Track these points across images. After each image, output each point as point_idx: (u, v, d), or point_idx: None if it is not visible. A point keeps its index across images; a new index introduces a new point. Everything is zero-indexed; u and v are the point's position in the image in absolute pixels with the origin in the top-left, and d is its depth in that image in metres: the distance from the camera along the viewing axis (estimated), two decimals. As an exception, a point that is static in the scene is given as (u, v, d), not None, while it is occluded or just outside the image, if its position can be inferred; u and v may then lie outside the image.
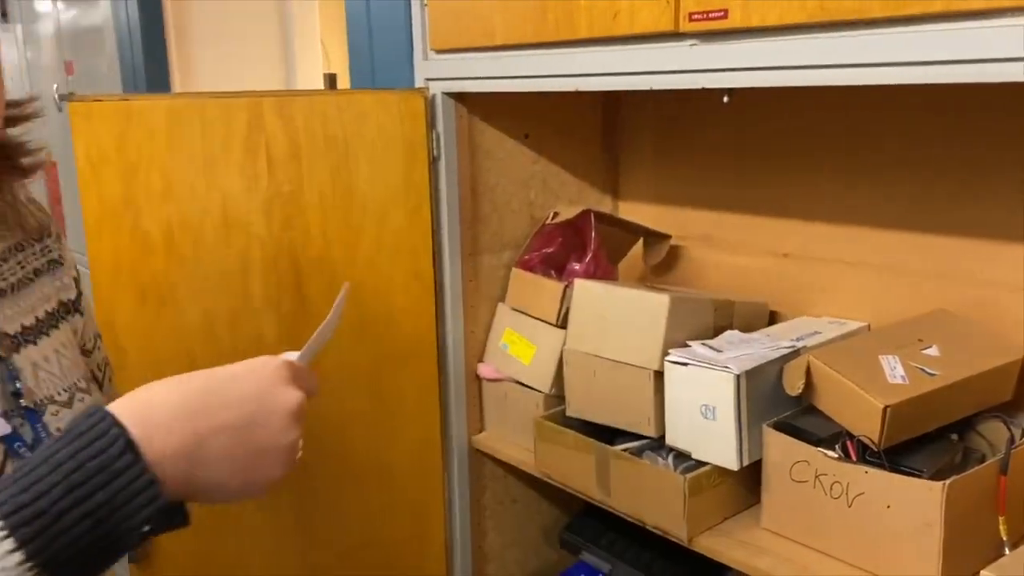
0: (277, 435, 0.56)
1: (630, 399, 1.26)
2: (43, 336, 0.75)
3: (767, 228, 1.45)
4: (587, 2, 1.10)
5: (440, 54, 1.38)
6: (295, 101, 1.30)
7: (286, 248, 1.33)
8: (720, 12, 0.95)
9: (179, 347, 1.25)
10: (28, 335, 0.73)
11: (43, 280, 0.78)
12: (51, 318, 0.77)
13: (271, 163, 1.29)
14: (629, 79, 1.09)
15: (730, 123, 1.46)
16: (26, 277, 0.76)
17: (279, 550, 1.42)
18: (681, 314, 1.23)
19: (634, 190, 1.66)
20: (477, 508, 1.61)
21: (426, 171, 1.43)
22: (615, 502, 1.26)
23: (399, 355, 1.48)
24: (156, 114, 1.20)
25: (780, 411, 1.17)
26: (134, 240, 1.20)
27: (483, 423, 1.58)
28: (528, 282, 1.47)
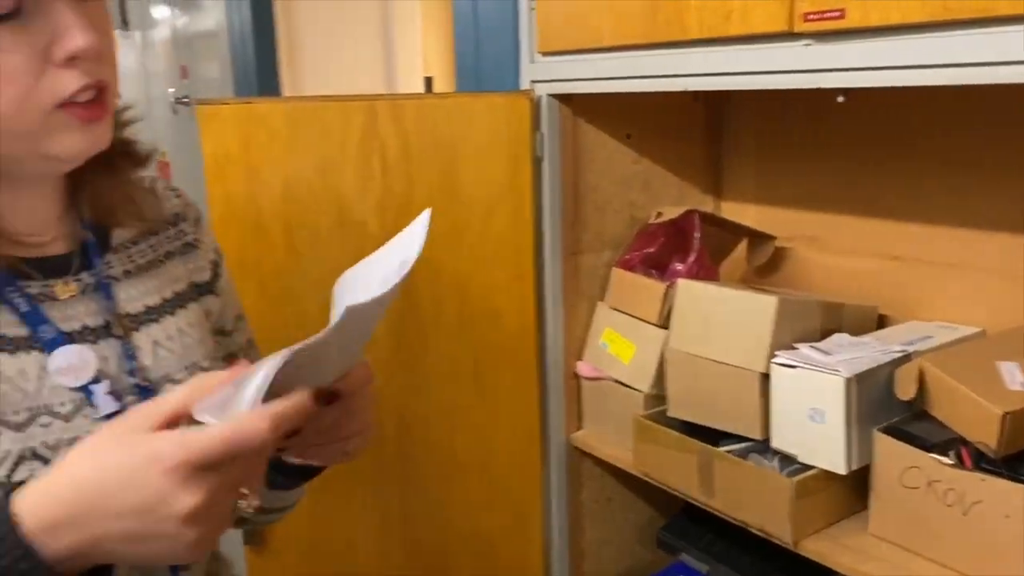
0: (174, 539, 0.56)
1: (734, 401, 1.25)
2: (167, 316, 0.79)
3: (876, 230, 1.42)
4: (698, 3, 1.11)
5: (546, 56, 1.40)
6: (407, 104, 1.34)
7: (395, 246, 1.37)
8: (837, 12, 0.95)
9: (296, 337, 1.30)
10: (151, 314, 0.77)
11: (175, 262, 0.82)
12: (179, 298, 0.81)
13: (384, 164, 1.34)
14: (741, 79, 1.09)
15: (838, 122, 1.44)
16: (156, 259, 0.80)
17: (384, 535, 1.47)
18: (789, 316, 1.22)
19: (737, 190, 1.65)
20: (574, 505, 1.63)
21: (529, 171, 1.45)
22: (718, 503, 1.26)
23: (500, 351, 1.51)
24: (277, 117, 1.26)
25: (890, 416, 1.15)
26: (256, 237, 1.26)
27: (581, 421, 1.60)
28: (629, 282, 1.48)
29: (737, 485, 1.22)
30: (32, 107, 0.62)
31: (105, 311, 0.73)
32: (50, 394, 0.67)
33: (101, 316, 0.73)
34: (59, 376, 0.68)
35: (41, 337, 0.68)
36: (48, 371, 0.68)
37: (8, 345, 0.66)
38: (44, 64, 0.62)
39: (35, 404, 0.66)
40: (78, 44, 0.62)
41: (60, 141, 0.65)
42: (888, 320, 1.39)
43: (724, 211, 1.68)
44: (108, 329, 0.73)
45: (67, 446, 0.65)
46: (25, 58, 0.61)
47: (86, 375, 0.69)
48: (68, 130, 0.65)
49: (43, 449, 0.65)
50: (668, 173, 1.62)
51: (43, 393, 0.67)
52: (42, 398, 0.67)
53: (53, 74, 0.62)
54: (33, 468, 0.64)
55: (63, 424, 0.67)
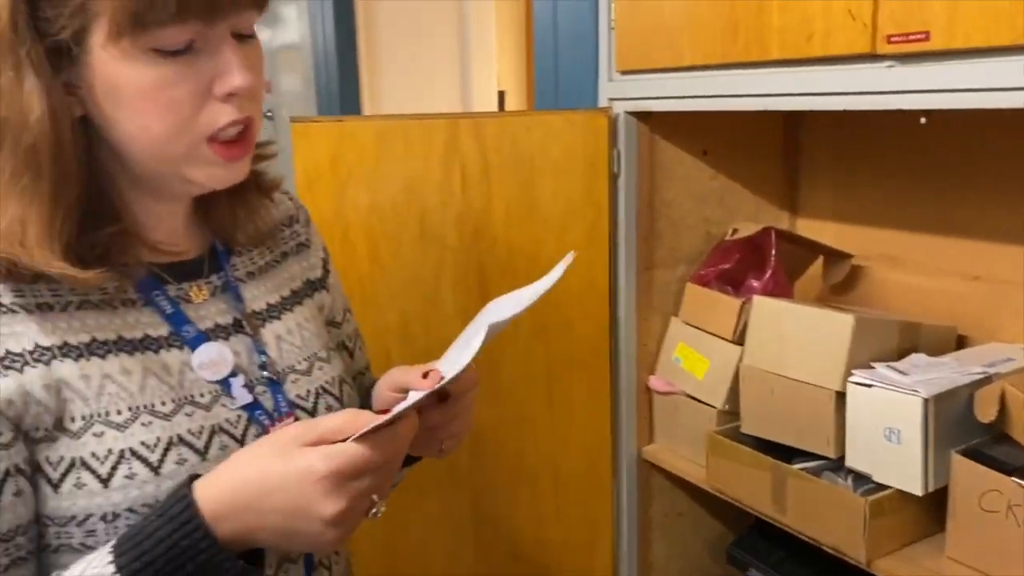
0: (316, 536, 0.65)
1: (809, 418, 1.26)
2: (287, 312, 0.86)
3: (955, 249, 1.41)
4: (780, 24, 1.12)
5: (625, 74, 1.43)
6: (488, 122, 1.38)
7: (475, 259, 1.42)
8: (921, 34, 0.95)
9: (379, 345, 1.35)
10: (273, 311, 0.84)
11: (290, 262, 0.89)
12: (296, 295, 0.88)
13: (465, 180, 1.38)
14: (821, 99, 1.10)
15: (918, 141, 1.43)
16: (274, 260, 0.87)
17: (456, 539, 1.51)
18: (866, 335, 1.22)
19: (813, 207, 1.65)
20: (644, 518, 1.64)
21: (606, 187, 1.48)
22: (791, 520, 1.26)
23: (573, 363, 1.53)
24: (366, 134, 1.31)
25: (969, 438, 1.14)
26: (343, 249, 1.31)
27: (652, 435, 1.61)
28: (704, 297, 1.49)
29: (810, 503, 1.22)
30: (186, 135, 0.69)
31: (234, 310, 0.80)
32: (190, 386, 0.74)
33: (230, 315, 0.80)
34: (201, 371, 0.75)
35: (184, 336, 0.75)
36: (190, 366, 0.74)
37: (152, 344, 0.73)
38: (205, 98, 0.68)
39: (179, 396, 0.73)
40: (238, 83, 0.68)
41: (202, 171, 0.72)
42: (967, 341, 1.37)
43: (800, 228, 1.68)
44: (237, 326, 0.80)
45: (208, 432, 0.73)
46: (190, 91, 0.67)
47: (225, 370, 0.76)
48: (211, 164, 0.71)
49: (188, 436, 0.72)
50: (744, 189, 1.63)
51: (185, 385, 0.73)
52: (184, 390, 0.73)
53: (211, 107, 0.69)
54: (181, 452, 0.71)
55: (204, 413, 0.74)
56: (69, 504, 0.68)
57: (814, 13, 1.07)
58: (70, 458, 0.68)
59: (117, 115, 0.67)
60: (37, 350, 0.67)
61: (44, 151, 0.65)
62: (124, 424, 0.69)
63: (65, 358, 0.68)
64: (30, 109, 0.64)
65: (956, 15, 0.92)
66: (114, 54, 0.65)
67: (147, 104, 0.66)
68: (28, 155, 0.65)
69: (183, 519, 0.63)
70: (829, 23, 1.06)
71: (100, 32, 0.64)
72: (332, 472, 0.63)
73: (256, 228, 0.85)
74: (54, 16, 0.64)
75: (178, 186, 0.74)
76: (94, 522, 0.68)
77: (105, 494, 0.68)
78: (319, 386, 0.84)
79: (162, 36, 0.64)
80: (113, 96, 0.66)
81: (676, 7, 1.28)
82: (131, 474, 0.69)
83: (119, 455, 0.69)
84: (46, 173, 0.65)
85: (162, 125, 0.67)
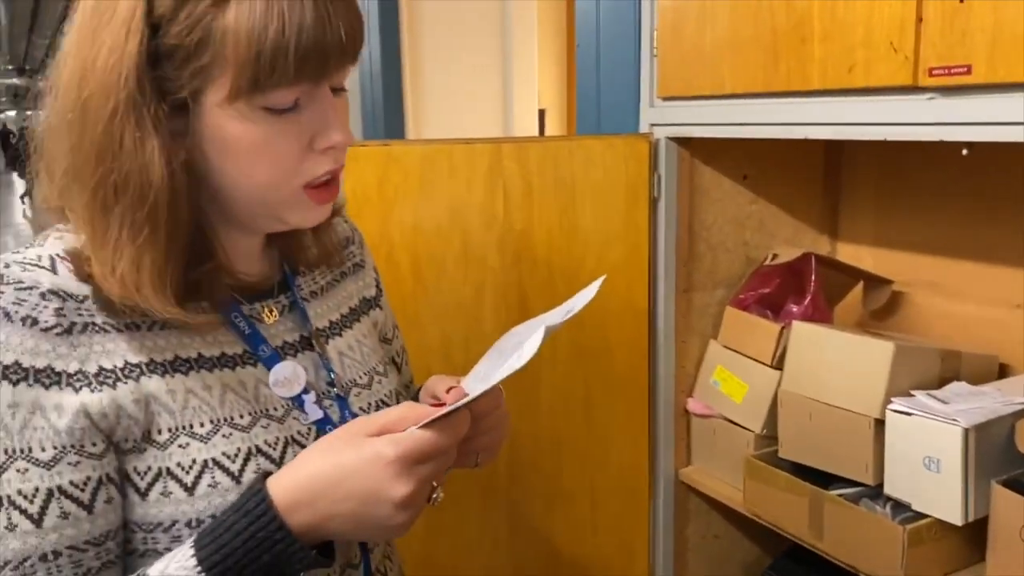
0: (386, 519, 0.68)
1: (848, 445, 1.26)
2: (347, 329, 0.90)
3: (998, 277, 1.40)
4: (821, 54, 1.13)
5: (666, 101, 1.45)
6: (531, 147, 1.41)
7: (515, 281, 1.44)
8: (963, 68, 0.96)
9: (420, 364, 1.37)
10: (335, 328, 0.89)
11: (348, 281, 0.94)
12: (353, 313, 0.93)
13: (507, 203, 1.40)
14: (862, 129, 1.11)
15: (960, 169, 1.43)
16: (334, 280, 0.92)
17: (493, 556, 1.52)
18: (906, 362, 1.22)
19: (854, 232, 1.65)
20: (680, 540, 1.65)
21: (646, 211, 1.49)
22: (827, 547, 1.26)
23: (612, 384, 1.55)
24: (411, 158, 1.35)
25: (1010, 469, 1.14)
26: (388, 269, 1.34)
27: (690, 457, 1.62)
28: (743, 321, 1.50)
29: (848, 529, 1.22)
30: (287, 184, 0.73)
31: (301, 328, 0.85)
32: (264, 401, 0.78)
33: (297, 332, 0.84)
34: (277, 388, 0.79)
35: (260, 355, 0.80)
36: (264, 383, 0.79)
37: (229, 361, 0.78)
38: (307, 150, 0.73)
39: (255, 409, 0.77)
40: (338, 139, 0.73)
41: (297, 214, 0.76)
42: (1009, 370, 1.36)
43: (840, 253, 1.68)
44: (305, 344, 0.84)
45: (283, 444, 0.77)
46: (294, 144, 0.72)
47: (298, 387, 0.81)
48: (306, 207, 0.76)
49: (265, 447, 0.76)
50: (784, 213, 1.64)
51: (259, 400, 0.78)
52: (259, 404, 0.78)
53: (311, 158, 0.73)
54: (259, 462, 0.75)
55: (279, 425, 0.78)
56: (156, 511, 0.72)
57: (856, 44, 1.08)
58: (157, 468, 0.72)
59: (223, 164, 0.72)
60: (127, 367, 0.71)
61: (163, 205, 0.69)
62: (207, 436, 0.74)
63: (152, 374, 0.72)
64: (152, 167, 0.68)
65: (998, 50, 0.93)
66: (228, 111, 0.69)
67: (255, 156, 0.71)
68: (150, 210, 0.69)
69: (258, 512, 0.67)
70: (871, 55, 1.07)
71: (217, 92, 0.68)
72: (400, 456, 0.67)
73: (320, 250, 0.90)
74: (175, 76, 0.68)
75: (269, 224, 0.79)
76: (179, 528, 0.72)
77: (190, 502, 0.72)
78: (379, 399, 0.89)
79: (274, 97, 0.69)
80: (221, 147, 0.71)
81: (718, 36, 1.30)
82: (214, 483, 0.73)
83: (203, 465, 0.73)
84: (162, 224, 0.70)
85: (266, 175, 0.72)
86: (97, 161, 0.68)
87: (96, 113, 0.68)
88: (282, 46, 0.66)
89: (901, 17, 1.03)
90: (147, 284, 0.69)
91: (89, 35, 0.69)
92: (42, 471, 0.68)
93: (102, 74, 0.67)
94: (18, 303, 0.68)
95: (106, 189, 0.69)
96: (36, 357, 0.67)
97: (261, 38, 0.66)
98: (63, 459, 0.68)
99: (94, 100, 0.67)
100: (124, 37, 0.67)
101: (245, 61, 0.66)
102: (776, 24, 1.19)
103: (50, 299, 0.69)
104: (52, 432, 0.68)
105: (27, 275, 0.69)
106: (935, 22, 0.99)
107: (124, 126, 0.67)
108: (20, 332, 0.67)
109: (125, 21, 0.67)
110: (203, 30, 0.66)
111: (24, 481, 0.67)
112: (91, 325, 0.70)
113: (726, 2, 1.27)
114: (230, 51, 0.66)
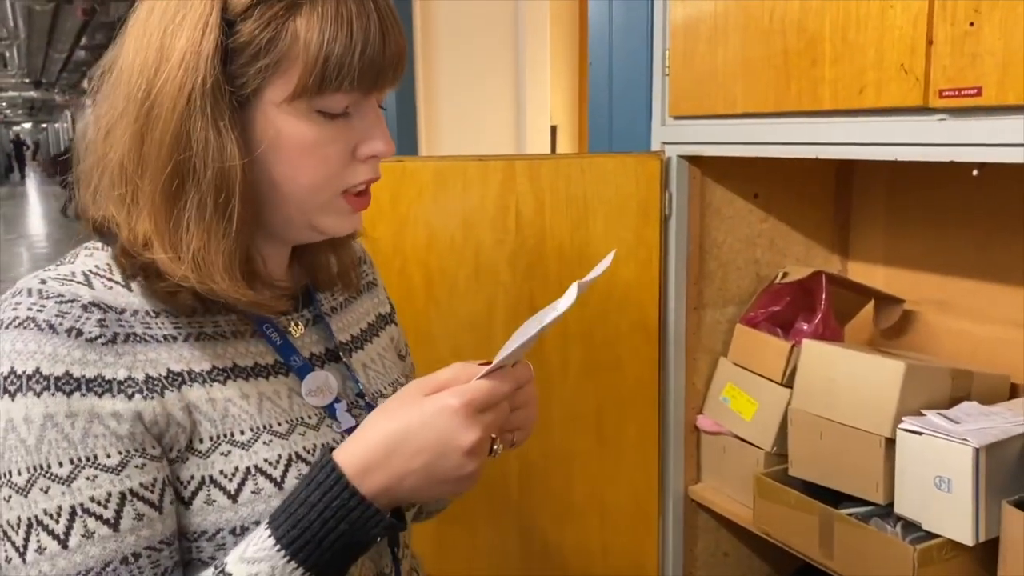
0: (457, 469, 0.70)
1: (858, 464, 1.26)
2: (367, 343, 0.92)
3: (1009, 297, 1.40)
4: (832, 75, 1.14)
5: (677, 120, 1.46)
6: (544, 164, 1.42)
7: (526, 296, 1.45)
8: (973, 90, 0.97)
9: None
10: (356, 343, 0.91)
11: (363, 299, 0.96)
12: (372, 328, 0.95)
13: (519, 219, 1.42)
14: (873, 149, 1.12)
15: (971, 189, 1.44)
16: (351, 296, 0.94)
17: (502, 571, 1.53)
18: (916, 381, 1.22)
19: (865, 251, 1.65)
20: (690, 557, 1.64)
21: (657, 228, 1.50)
22: (837, 566, 1.26)
23: (622, 400, 1.55)
24: (425, 174, 1.36)
25: (1021, 489, 1.14)
26: (400, 283, 1.36)
27: (700, 474, 1.62)
28: (753, 339, 1.51)
29: (858, 549, 1.22)
30: (328, 188, 0.76)
31: (326, 341, 0.87)
32: (298, 410, 0.80)
33: (323, 345, 0.86)
34: (310, 397, 0.81)
35: (292, 365, 0.81)
36: (296, 392, 0.80)
37: (262, 371, 0.79)
38: (350, 157, 0.76)
39: (291, 417, 0.79)
40: (382, 149, 0.76)
41: (332, 220, 0.78)
42: (1021, 390, 1.36)
43: (851, 271, 1.68)
44: (330, 356, 0.86)
45: (319, 450, 0.79)
46: (340, 149, 0.75)
47: (330, 396, 0.82)
48: (341, 214, 0.78)
49: (304, 453, 0.77)
50: (795, 232, 1.65)
51: (294, 409, 0.79)
52: (295, 412, 0.79)
53: (353, 166, 0.76)
54: (300, 468, 0.76)
55: (314, 433, 0.80)
56: (200, 520, 0.73)
57: (867, 66, 1.09)
58: (200, 476, 0.73)
59: (270, 162, 0.74)
60: (170, 375, 0.73)
61: (238, 197, 0.71)
62: (248, 443, 0.75)
63: (192, 383, 0.74)
64: (230, 158, 0.71)
65: (1007, 72, 0.94)
66: (284, 110, 0.72)
67: (303, 157, 0.73)
68: (225, 198, 0.71)
69: (330, 482, 0.69)
70: (881, 76, 1.08)
71: (277, 90, 0.71)
72: (465, 403, 0.69)
73: (340, 268, 0.92)
74: (240, 73, 0.70)
75: (302, 233, 0.80)
76: (224, 536, 0.73)
77: (234, 508, 0.73)
78: None
79: (330, 101, 0.72)
80: (272, 145, 0.73)
81: (730, 56, 1.31)
82: (257, 489, 0.74)
83: (245, 472, 0.74)
84: (235, 216, 0.72)
85: (311, 176, 0.74)
86: (171, 151, 0.70)
87: (171, 107, 0.69)
88: (348, 54, 0.70)
89: (912, 39, 1.04)
90: (219, 268, 0.71)
91: (158, 33, 0.71)
92: (111, 476, 0.69)
93: (178, 70, 0.69)
94: (61, 315, 0.69)
95: (181, 177, 0.70)
96: (86, 367, 0.68)
97: (331, 44, 0.69)
98: (130, 462, 0.69)
99: (167, 95, 0.69)
100: (201, 34, 0.69)
101: (313, 63, 0.70)
102: (788, 45, 1.21)
103: (92, 311, 0.70)
104: (115, 438, 0.69)
105: (66, 289, 0.71)
106: (945, 44, 1.00)
107: (200, 119, 0.69)
108: (67, 344, 0.68)
109: (202, 18, 0.69)
110: (274, 30, 0.69)
111: (95, 488, 0.68)
112: (132, 336, 0.72)
113: (738, 23, 1.29)
114: (299, 53, 0.70)
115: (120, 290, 0.73)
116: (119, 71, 0.74)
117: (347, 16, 0.70)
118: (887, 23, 1.07)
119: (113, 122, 0.73)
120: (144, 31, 0.72)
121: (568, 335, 1.49)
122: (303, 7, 0.70)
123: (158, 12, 0.72)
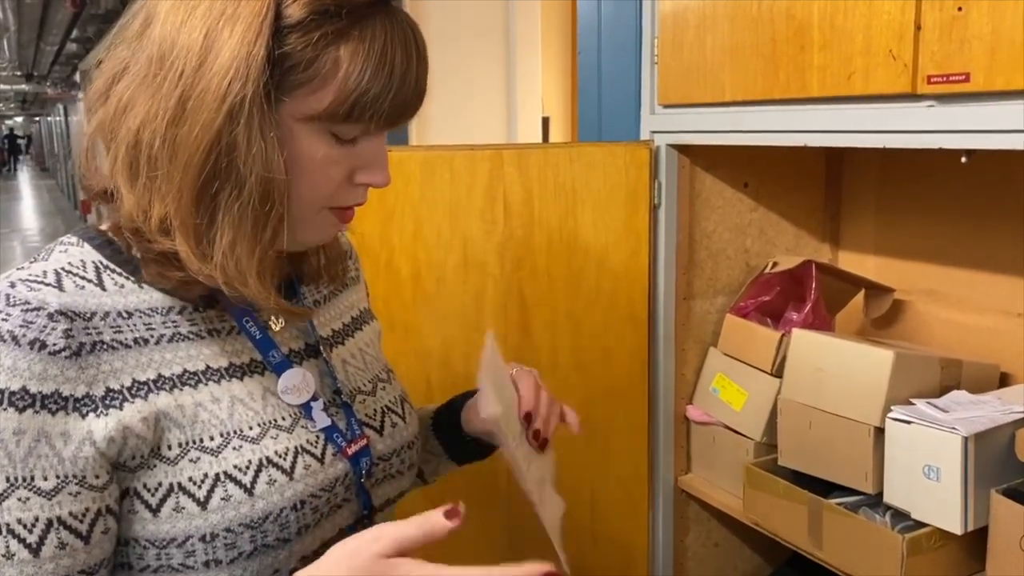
0: None
1: (847, 453, 1.26)
2: (349, 337, 0.91)
3: (999, 286, 1.40)
4: (820, 62, 1.14)
5: (667, 108, 1.45)
6: (532, 153, 1.41)
7: (515, 287, 1.44)
8: (962, 76, 0.96)
9: (420, 371, 1.38)
10: (338, 337, 0.90)
11: (348, 292, 0.95)
12: (355, 323, 0.94)
13: (507, 209, 1.41)
14: (861, 137, 1.11)
15: (961, 178, 1.43)
16: (335, 290, 0.93)
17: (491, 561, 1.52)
18: (905, 370, 1.22)
19: (855, 240, 1.65)
20: (680, 548, 1.64)
21: (647, 218, 1.50)
22: (827, 555, 1.26)
23: (611, 392, 1.55)
24: (412, 164, 1.35)
25: (1010, 478, 1.13)
26: (388, 275, 1.35)
27: (689, 465, 1.62)
28: (742, 329, 1.50)
29: (847, 538, 1.22)
30: (316, 203, 0.75)
31: (306, 336, 0.85)
32: (272, 411, 0.78)
33: (302, 340, 0.85)
34: (285, 395, 0.79)
35: (270, 361, 0.80)
36: (272, 391, 0.79)
37: (237, 372, 0.78)
38: (347, 180, 0.76)
39: (263, 419, 0.77)
40: (380, 181, 0.77)
41: (313, 232, 0.78)
42: (1010, 379, 1.36)
43: (841, 261, 1.68)
44: (310, 351, 0.85)
45: (293, 453, 0.77)
46: (342, 171, 0.75)
47: (307, 394, 0.81)
48: (325, 226, 0.78)
49: (276, 457, 0.76)
50: (784, 221, 1.64)
51: (267, 411, 0.78)
52: (267, 415, 0.78)
53: (347, 187, 0.76)
54: (270, 473, 0.75)
55: (287, 435, 0.78)
56: (169, 527, 0.72)
57: (855, 52, 1.09)
58: (168, 483, 0.72)
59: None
60: (135, 385, 0.71)
61: (279, 202, 0.71)
62: (217, 449, 0.73)
63: (160, 391, 0.72)
64: (278, 171, 0.70)
65: (996, 58, 0.93)
66: (302, 126, 0.71)
67: (306, 172, 0.73)
68: (270, 209, 0.71)
69: None
70: (870, 62, 1.07)
71: (303, 106, 0.70)
72: (383, 560, 0.67)
73: (325, 262, 0.90)
74: (277, 83, 0.69)
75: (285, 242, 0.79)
76: (193, 543, 0.72)
77: (203, 516, 0.72)
78: (384, 405, 0.90)
79: (348, 128, 0.72)
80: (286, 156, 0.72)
81: (718, 44, 1.30)
82: (227, 496, 0.73)
83: (215, 479, 0.73)
84: (275, 224, 0.72)
85: (307, 193, 0.74)
86: (210, 148, 0.68)
87: (215, 106, 0.67)
88: (383, 95, 0.70)
89: (900, 25, 1.03)
90: (253, 273, 0.71)
91: (203, 16, 0.68)
92: (43, 500, 0.67)
93: (228, 70, 0.67)
94: (25, 325, 0.67)
95: (220, 178, 0.69)
96: (44, 383, 0.67)
97: (369, 82, 0.70)
98: (64, 489, 0.68)
99: (213, 93, 0.67)
100: (255, 36, 0.67)
101: (348, 95, 0.69)
102: (776, 32, 1.20)
103: (58, 320, 0.68)
104: (56, 460, 0.67)
105: (33, 295, 0.69)
106: (933, 30, 1.00)
107: (246, 126, 0.68)
108: (28, 357, 0.66)
109: (256, 18, 0.68)
110: (319, 50, 0.69)
111: (24, 510, 0.67)
112: (99, 344, 0.70)
113: (726, 11, 1.28)
114: (337, 80, 0.69)
115: (92, 289, 0.72)
116: (150, 37, 0.70)
117: (390, 56, 0.70)
118: (875, 9, 1.06)
119: (134, 93, 0.70)
120: (187, 5, 0.69)
121: (557, 326, 1.48)
122: (352, 36, 0.69)
123: (202, 6, 0.69)
